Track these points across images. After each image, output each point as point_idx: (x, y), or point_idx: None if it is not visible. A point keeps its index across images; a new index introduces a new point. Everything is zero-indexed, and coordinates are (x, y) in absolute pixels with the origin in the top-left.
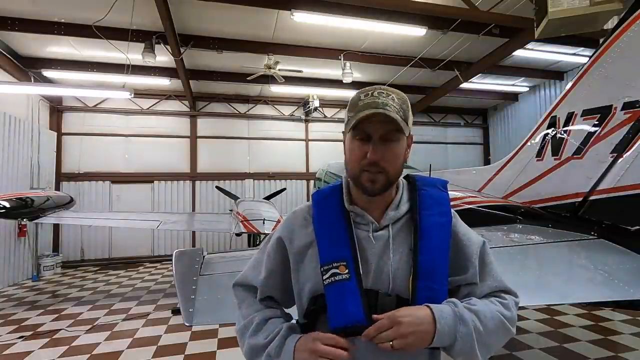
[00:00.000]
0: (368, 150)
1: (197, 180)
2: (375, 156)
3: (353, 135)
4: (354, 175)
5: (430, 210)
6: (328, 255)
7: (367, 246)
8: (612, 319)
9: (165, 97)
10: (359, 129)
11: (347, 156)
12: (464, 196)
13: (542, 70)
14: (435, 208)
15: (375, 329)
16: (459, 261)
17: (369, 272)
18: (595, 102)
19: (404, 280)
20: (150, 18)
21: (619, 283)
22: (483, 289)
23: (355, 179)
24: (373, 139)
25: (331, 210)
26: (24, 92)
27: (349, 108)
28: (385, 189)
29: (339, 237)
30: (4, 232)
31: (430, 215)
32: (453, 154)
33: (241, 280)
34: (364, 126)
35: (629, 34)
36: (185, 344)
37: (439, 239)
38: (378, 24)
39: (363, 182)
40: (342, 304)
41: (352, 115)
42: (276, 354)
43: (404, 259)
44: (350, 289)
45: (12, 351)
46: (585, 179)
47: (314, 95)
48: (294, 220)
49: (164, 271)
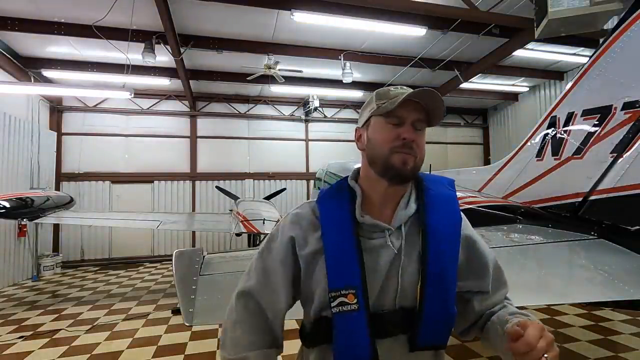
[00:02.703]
0: (400, 133)
1: (197, 180)
2: (410, 136)
3: (386, 121)
4: (383, 157)
5: (438, 210)
6: (337, 281)
7: (379, 255)
8: (612, 319)
9: (165, 97)
10: (392, 113)
11: (373, 140)
12: (464, 196)
13: (542, 70)
14: (444, 208)
15: (528, 344)
16: (474, 267)
17: (375, 287)
18: (595, 102)
19: (412, 289)
20: (150, 18)
21: (619, 283)
22: (498, 297)
23: (384, 164)
24: (406, 123)
25: (341, 220)
26: (24, 92)
27: (378, 98)
28: (413, 175)
29: (349, 259)
30: (4, 232)
31: (439, 217)
32: (453, 154)
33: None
34: (398, 111)
35: (628, 34)
36: (185, 344)
37: (449, 242)
38: (378, 24)
39: (394, 162)
40: (350, 340)
41: (386, 102)
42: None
43: (412, 265)
44: (358, 321)
45: (12, 351)
46: (585, 179)
47: (314, 95)
48: (303, 222)
49: (164, 271)
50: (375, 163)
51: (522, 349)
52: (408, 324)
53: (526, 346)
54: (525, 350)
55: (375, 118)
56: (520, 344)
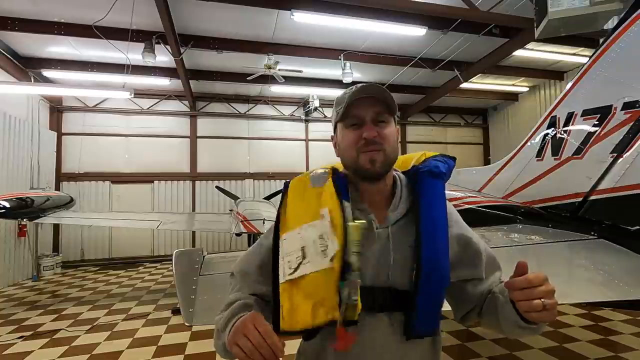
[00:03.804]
0: (360, 133)
1: (197, 180)
2: (371, 133)
3: (344, 126)
4: (352, 161)
5: (431, 202)
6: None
7: (367, 243)
8: (612, 319)
9: (165, 97)
10: (350, 116)
11: (341, 146)
12: (464, 196)
13: (542, 70)
14: (435, 200)
15: (528, 281)
16: (468, 257)
17: (366, 270)
18: (595, 102)
19: (404, 276)
20: (150, 18)
21: (619, 283)
22: (493, 279)
23: (354, 166)
24: (365, 121)
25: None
26: (24, 92)
27: (336, 105)
28: (386, 169)
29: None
30: (4, 232)
31: (431, 207)
32: (453, 154)
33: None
34: (355, 111)
35: (629, 34)
36: (185, 344)
37: (442, 230)
38: (378, 24)
39: (363, 164)
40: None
41: (340, 107)
42: (222, 328)
43: (405, 255)
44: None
45: (12, 351)
46: (585, 179)
47: (314, 95)
48: None
49: (164, 271)
50: (347, 167)
51: (521, 284)
52: (399, 306)
53: (526, 282)
54: (523, 286)
55: (339, 124)
56: (521, 279)
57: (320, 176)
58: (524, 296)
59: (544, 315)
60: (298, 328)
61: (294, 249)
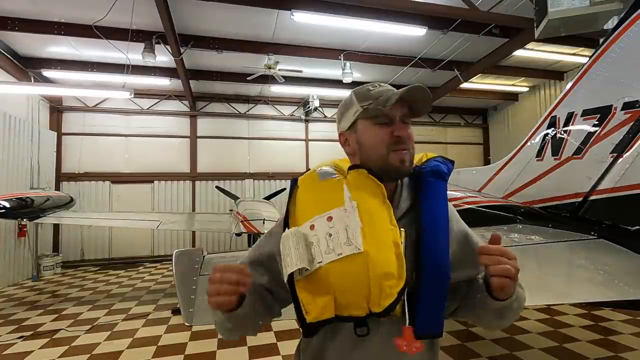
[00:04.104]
0: (392, 131)
1: (197, 180)
2: (404, 132)
3: (372, 123)
4: (380, 159)
5: (432, 202)
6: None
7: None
8: (612, 319)
9: (165, 97)
10: (375, 114)
11: (367, 143)
12: (464, 196)
13: (542, 70)
14: (437, 200)
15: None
16: (466, 256)
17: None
18: (595, 102)
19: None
20: (150, 18)
21: (619, 283)
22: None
23: (381, 163)
24: (396, 120)
25: None
26: (24, 92)
27: (360, 99)
28: (410, 170)
29: None
30: (4, 232)
31: (432, 206)
32: (453, 154)
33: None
34: (386, 110)
35: (629, 34)
36: (185, 344)
37: (443, 233)
38: (378, 24)
39: (393, 162)
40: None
41: (371, 103)
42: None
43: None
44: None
45: (12, 351)
46: (585, 179)
47: (314, 95)
48: None
49: (164, 271)
50: (372, 164)
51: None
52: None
53: (498, 251)
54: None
55: (363, 121)
56: (496, 246)
57: (328, 172)
58: (490, 261)
59: (505, 282)
60: (325, 317)
61: (321, 235)
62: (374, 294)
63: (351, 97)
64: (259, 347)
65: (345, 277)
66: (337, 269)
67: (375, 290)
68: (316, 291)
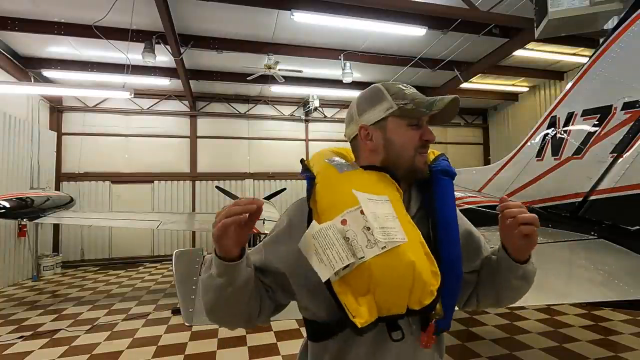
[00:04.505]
0: (421, 135)
1: (197, 180)
2: (431, 137)
3: (405, 123)
4: (408, 160)
5: (445, 201)
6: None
7: None
8: (612, 319)
9: (165, 97)
10: (413, 115)
11: (398, 142)
12: (464, 196)
13: (542, 70)
14: (450, 199)
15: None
16: (471, 249)
17: None
18: (595, 102)
19: None
20: (150, 18)
21: (619, 283)
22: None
23: (408, 164)
24: (423, 124)
25: None
26: (24, 92)
27: (396, 97)
28: (427, 172)
29: None
30: (4, 232)
31: (445, 204)
32: (453, 154)
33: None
34: (418, 113)
35: (629, 34)
36: (185, 344)
37: (456, 231)
38: (378, 24)
39: (418, 164)
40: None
41: (408, 103)
42: (208, 259)
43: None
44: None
45: (12, 351)
46: (586, 179)
47: (314, 95)
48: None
49: (164, 271)
50: (396, 164)
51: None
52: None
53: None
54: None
55: (396, 120)
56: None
57: (343, 163)
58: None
59: (531, 229)
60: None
61: (356, 229)
62: (417, 290)
63: (382, 92)
64: (259, 347)
65: (390, 272)
66: (381, 264)
67: (419, 285)
68: (358, 291)
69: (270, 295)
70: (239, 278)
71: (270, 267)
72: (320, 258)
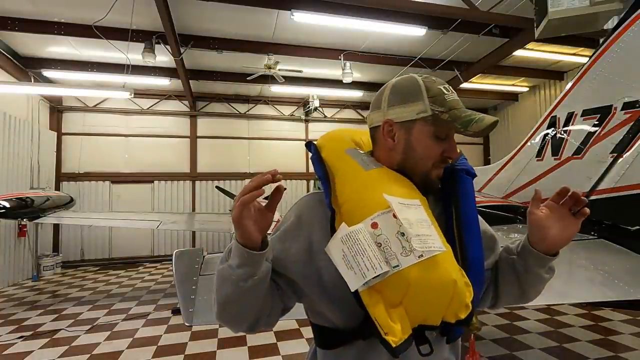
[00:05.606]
0: (445, 150)
1: (197, 180)
2: (455, 155)
3: (431, 132)
4: (424, 171)
5: (469, 202)
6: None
7: None
8: (612, 319)
9: (165, 97)
10: (442, 126)
11: (419, 151)
12: None
13: (542, 70)
14: (472, 200)
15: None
16: (486, 246)
17: None
18: (595, 102)
19: None
20: (150, 18)
21: (619, 283)
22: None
23: (422, 175)
24: (449, 138)
25: None
26: (24, 92)
27: (434, 101)
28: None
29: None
30: (4, 232)
31: (467, 205)
32: None
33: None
34: (451, 127)
35: (629, 34)
36: (185, 344)
37: (479, 231)
38: (378, 24)
39: (433, 178)
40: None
41: (445, 112)
42: (227, 249)
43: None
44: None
45: (12, 351)
46: (586, 179)
47: (314, 95)
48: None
49: (164, 271)
50: (413, 170)
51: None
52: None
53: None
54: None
55: (425, 126)
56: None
57: (368, 159)
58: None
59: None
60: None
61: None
62: (455, 303)
63: (420, 91)
64: (259, 347)
65: (428, 283)
66: (418, 274)
67: (457, 299)
68: (391, 302)
69: (280, 294)
70: (261, 270)
71: (279, 266)
72: (350, 265)
